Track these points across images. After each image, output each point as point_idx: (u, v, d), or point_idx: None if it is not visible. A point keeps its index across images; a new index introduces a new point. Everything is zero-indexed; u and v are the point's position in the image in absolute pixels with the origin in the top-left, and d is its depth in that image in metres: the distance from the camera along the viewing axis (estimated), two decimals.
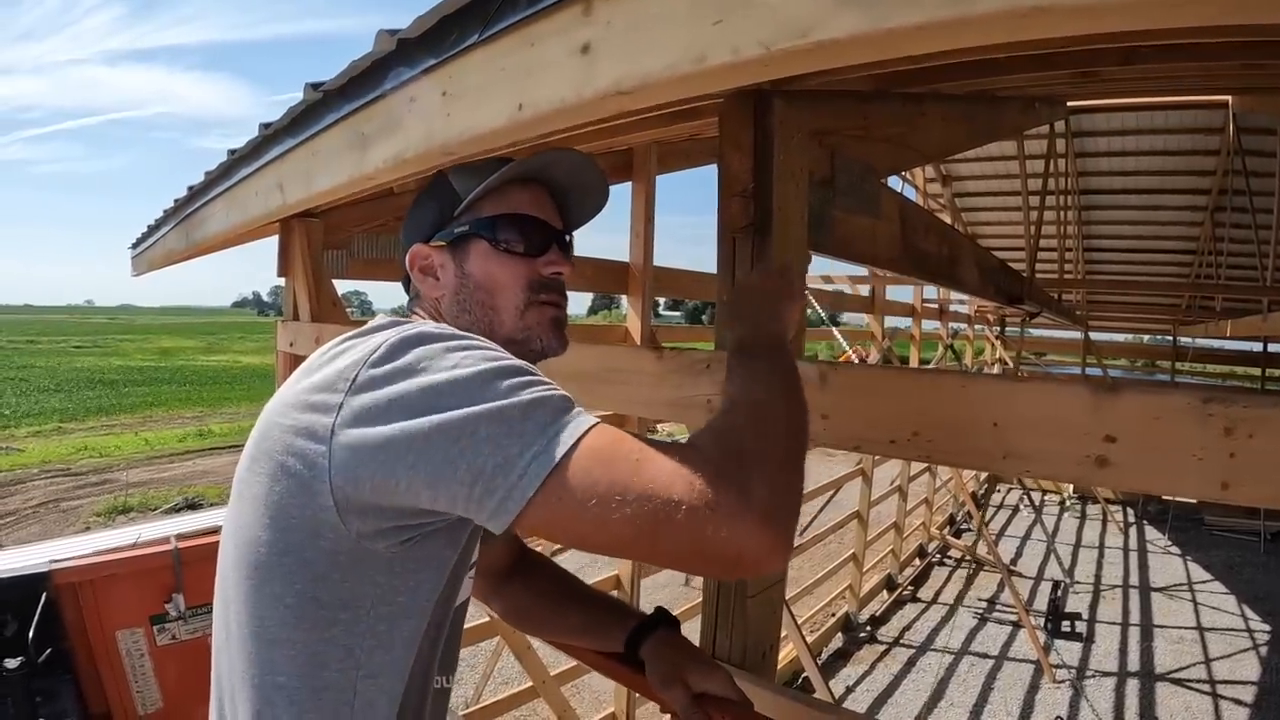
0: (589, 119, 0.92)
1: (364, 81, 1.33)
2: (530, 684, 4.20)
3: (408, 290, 1.19)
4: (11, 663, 2.49)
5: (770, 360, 1.00)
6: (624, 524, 0.76)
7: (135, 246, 4.08)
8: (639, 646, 1.30)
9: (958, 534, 11.65)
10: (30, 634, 2.67)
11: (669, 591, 8.25)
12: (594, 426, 0.81)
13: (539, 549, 1.75)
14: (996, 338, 12.24)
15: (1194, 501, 11.65)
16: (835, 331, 7.31)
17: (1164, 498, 11.85)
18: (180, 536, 3.25)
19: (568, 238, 1.19)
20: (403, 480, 0.81)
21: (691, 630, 1.37)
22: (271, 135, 1.90)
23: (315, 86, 1.53)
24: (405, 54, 1.16)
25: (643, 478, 0.77)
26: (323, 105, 1.54)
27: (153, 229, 3.64)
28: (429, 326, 0.92)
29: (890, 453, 1.32)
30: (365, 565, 0.90)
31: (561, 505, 0.77)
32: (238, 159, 2.24)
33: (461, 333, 0.92)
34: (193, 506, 12.14)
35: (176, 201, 3.10)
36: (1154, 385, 0.97)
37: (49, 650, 2.72)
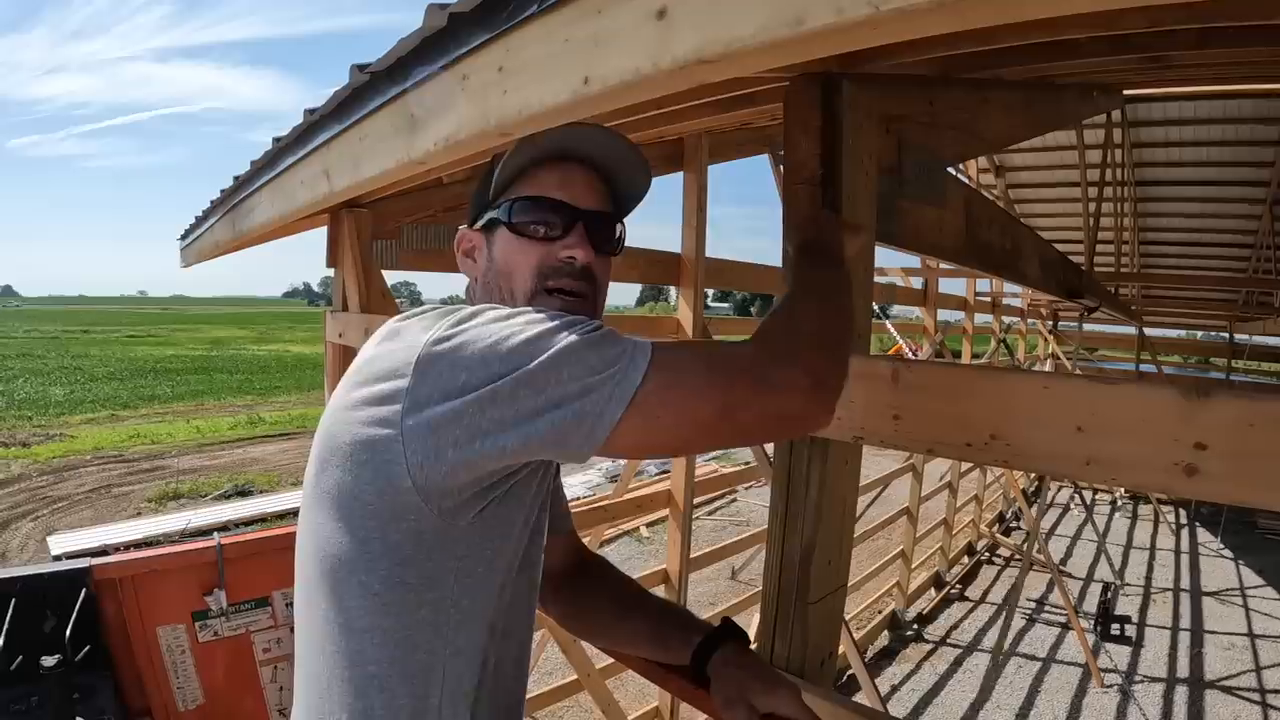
0: (665, 92, 0.85)
1: (413, 60, 1.26)
2: (575, 677, 4.19)
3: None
4: (49, 660, 2.47)
5: (826, 267, 1.14)
6: (704, 417, 0.85)
7: (184, 238, 4.10)
8: (705, 661, 1.23)
9: (1007, 532, 11.47)
10: (68, 630, 2.66)
11: (714, 585, 8.22)
12: (656, 345, 0.86)
13: (599, 552, 1.69)
14: (1050, 332, 11.99)
15: None
16: (888, 324, 7.21)
17: None
18: (224, 530, 3.25)
19: (618, 226, 1.14)
20: (490, 441, 0.83)
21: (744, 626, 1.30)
22: (317, 122, 1.84)
23: (362, 68, 1.47)
24: (457, 29, 1.09)
25: (713, 375, 0.85)
26: (369, 88, 1.48)
27: (200, 220, 3.63)
28: (476, 306, 0.93)
29: (965, 456, 1.25)
30: (447, 541, 0.93)
31: (646, 419, 0.83)
32: (283, 147, 2.19)
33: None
34: (243, 494, 12.37)
35: (223, 192, 3.08)
36: (1248, 389, 0.90)
37: (87, 647, 2.71)
